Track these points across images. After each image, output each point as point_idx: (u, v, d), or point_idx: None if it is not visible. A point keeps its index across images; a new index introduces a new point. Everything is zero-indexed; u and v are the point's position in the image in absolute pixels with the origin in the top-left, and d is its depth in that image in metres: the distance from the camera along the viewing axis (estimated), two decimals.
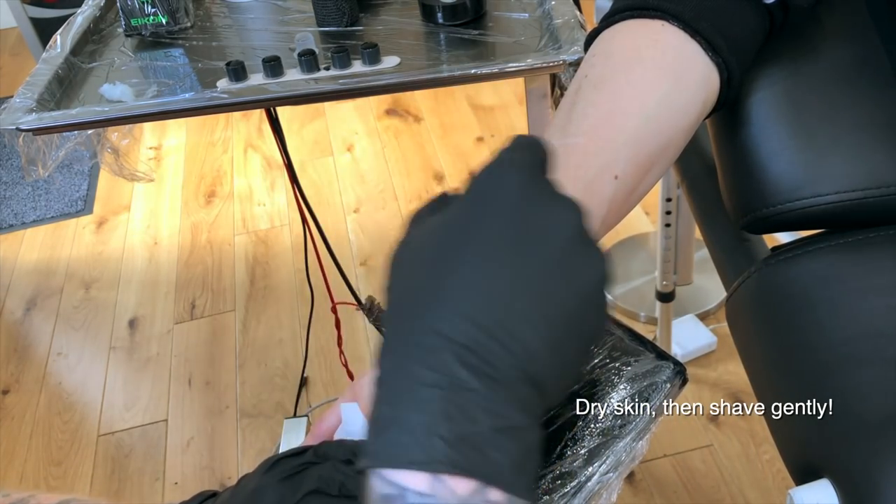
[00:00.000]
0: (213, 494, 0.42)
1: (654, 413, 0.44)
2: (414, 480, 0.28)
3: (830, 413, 0.49)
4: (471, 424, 0.29)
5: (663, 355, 0.46)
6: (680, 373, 0.45)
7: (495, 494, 0.29)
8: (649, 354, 0.46)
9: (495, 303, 0.30)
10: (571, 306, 0.32)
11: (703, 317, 1.53)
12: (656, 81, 0.50)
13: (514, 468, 0.29)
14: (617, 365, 0.46)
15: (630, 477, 1.28)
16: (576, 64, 0.80)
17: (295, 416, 1.46)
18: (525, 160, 0.35)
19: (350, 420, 0.46)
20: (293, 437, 1.38)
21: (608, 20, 0.54)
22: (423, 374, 0.29)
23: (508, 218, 0.32)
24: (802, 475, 0.50)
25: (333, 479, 0.39)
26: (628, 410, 0.44)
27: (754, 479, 1.26)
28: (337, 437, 0.46)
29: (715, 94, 0.53)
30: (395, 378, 0.30)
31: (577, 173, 0.47)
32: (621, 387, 0.44)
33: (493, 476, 0.28)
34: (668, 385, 0.45)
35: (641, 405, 0.44)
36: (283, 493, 0.39)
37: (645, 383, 0.45)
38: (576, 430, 0.43)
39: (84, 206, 2.13)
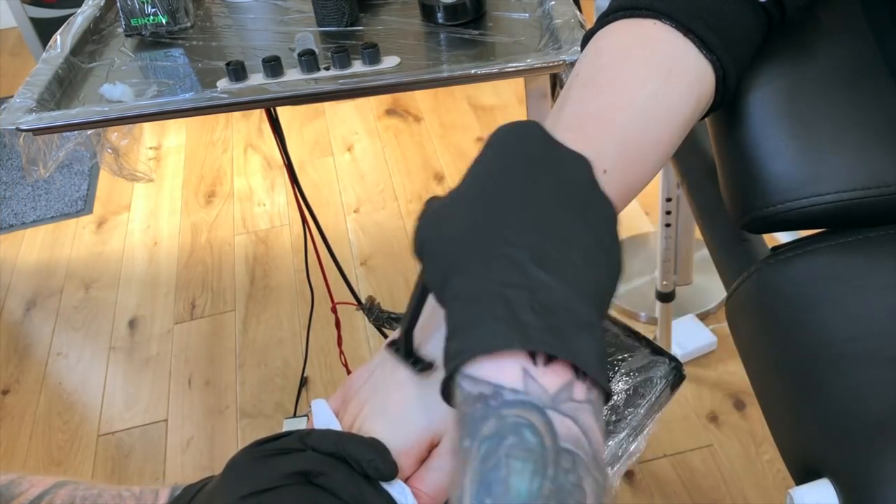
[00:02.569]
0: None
1: (649, 408, 0.44)
2: (506, 376, 0.29)
3: (830, 413, 0.49)
4: (555, 318, 0.30)
5: (659, 351, 0.46)
6: (676, 369, 0.45)
7: (579, 391, 0.30)
8: (644, 350, 0.46)
9: (550, 223, 0.33)
10: (598, 229, 0.35)
11: (703, 317, 1.53)
12: (645, 78, 0.50)
13: (597, 359, 0.30)
14: (612, 360, 0.46)
15: (630, 477, 1.28)
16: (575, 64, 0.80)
17: (295, 416, 1.46)
18: (531, 124, 0.40)
19: (320, 418, 0.46)
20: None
21: (602, 21, 0.55)
22: (505, 278, 0.30)
23: (542, 159, 0.37)
24: (802, 475, 0.50)
25: (313, 470, 0.38)
26: (622, 405, 0.44)
27: (754, 479, 1.26)
28: None
29: (710, 92, 0.53)
30: (475, 287, 0.31)
31: None
32: (616, 382, 0.45)
33: (584, 362, 0.29)
34: (664, 381, 0.45)
35: (636, 401, 0.44)
36: (258, 473, 0.38)
37: (640, 378, 0.45)
38: None
39: (84, 206, 2.13)
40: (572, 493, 0.28)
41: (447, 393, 0.31)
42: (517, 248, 0.31)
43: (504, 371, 0.29)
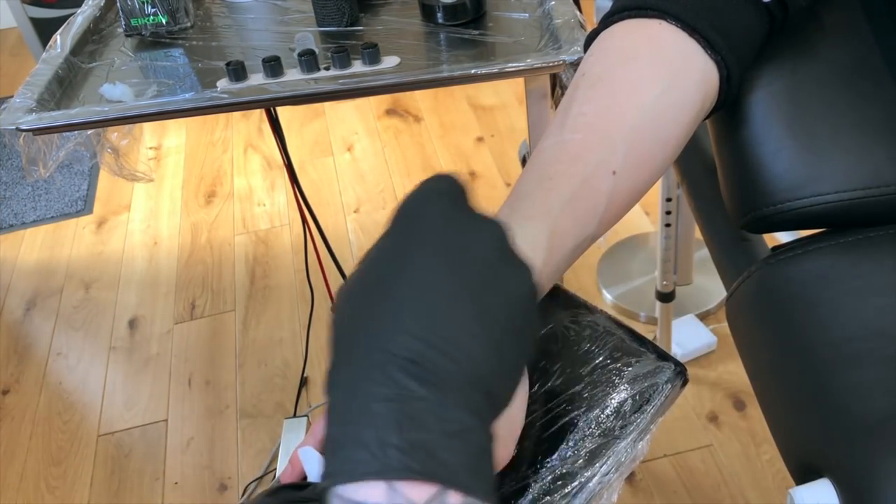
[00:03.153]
0: None
1: (654, 413, 0.44)
2: (371, 493, 0.29)
3: (830, 413, 0.49)
4: (422, 431, 0.29)
5: (664, 356, 0.46)
6: (681, 373, 0.45)
7: (454, 498, 0.29)
8: (650, 355, 0.46)
9: (434, 318, 0.32)
10: (502, 314, 0.34)
11: (703, 317, 1.53)
12: (653, 78, 0.50)
13: (470, 470, 0.30)
14: (618, 366, 0.46)
15: (630, 477, 1.28)
16: (576, 64, 0.80)
17: (295, 416, 1.46)
18: (443, 189, 0.37)
19: (310, 465, 0.45)
20: (293, 437, 1.38)
21: (607, 21, 0.55)
22: (373, 389, 0.30)
23: (436, 240, 0.34)
24: (802, 475, 0.50)
25: None
26: (629, 411, 0.44)
27: (754, 479, 1.26)
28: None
29: (715, 92, 0.53)
30: (346, 397, 0.31)
31: (574, 169, 0.47)
32: (622, 387, 0.44)
33: (450, 478, 0.29)
34: (669, 386, 0.45)
35: (642, 406, 0.44)
36: None
37: (646, 384, 0.45)
38: (576, 430, 0.43)
39: (84, 206, 2.13)
40: None
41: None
42: (393, 356, 0.31)
43: (369, 490, 0.29)
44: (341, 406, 0.31)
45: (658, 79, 0.50)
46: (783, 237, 0.65)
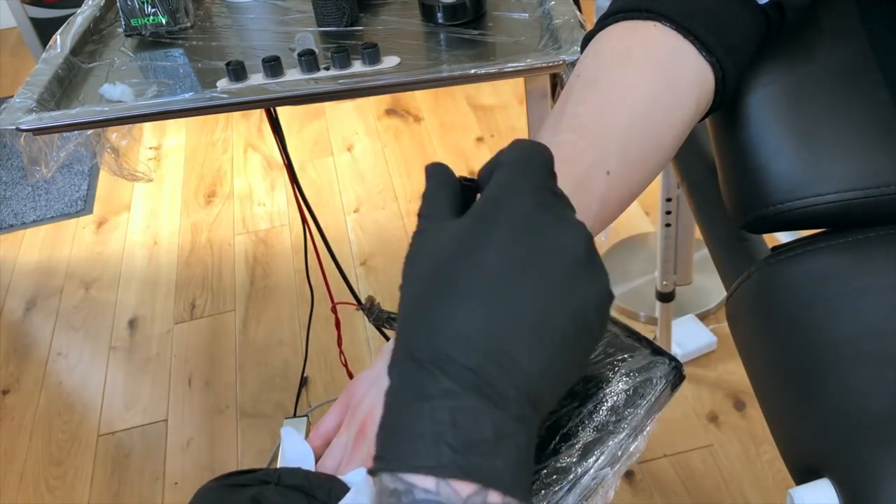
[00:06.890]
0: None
1: (649, 409, 0.44)
2: (421, 480, 0.31)
3: (830, 413, 0.49)
4: (475, 433, 0.31)
5: (659, 351, 0.46)
6: (676, 369, 0.45)
7: (494, 496, 0.31)
8: (644, 350, 0.46)
9: (497, 327, 0.32)
10: (570, 328, 0.33)
11: (703, 317, 1.53)
12: (646, 80, 0.50)
13: (513, 473, 0.31)
14: (612, 361, 0.46)
15: (630, 477, 1.28)
16: (575, 64, 0.80)
17: (295, 416, 1.46)
18: (534, 172, 0.36)
19: (289, 444, 0.46)
20: (293, 436, 1.38)
21: (602, 23, 0.55)
22: (432, 388, 0.31)
23: (516, 241, 0.33)
24: (802, 475, 0.50)
25: (271, 500, 0.39)
26: (623, 406, 0.44)
27: (754, 479, 1.26)
28: (280, 462, 0.46)
29: (710, 94, 0.53)
30: (406, 392, 0.32)
31: (567, 169, 0.47)
32: (616, 382, 0.45)
33: (495, 480, 0.31)
34: (664, 381, 0.45)
35: (636, 401, 0.44)
36: (220, 498, 0.40)
37: (640, 379, 0.45)
38: (570, 425, 0.43)
39: (84, 206, 2.13)
40: None
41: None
42: (453, 360, 0.32)
43: (420, 479, 0.31)
44: (400, 397, 0.32)
45: (652, 80, 0.50)
46: (783, 237, 0.65)
